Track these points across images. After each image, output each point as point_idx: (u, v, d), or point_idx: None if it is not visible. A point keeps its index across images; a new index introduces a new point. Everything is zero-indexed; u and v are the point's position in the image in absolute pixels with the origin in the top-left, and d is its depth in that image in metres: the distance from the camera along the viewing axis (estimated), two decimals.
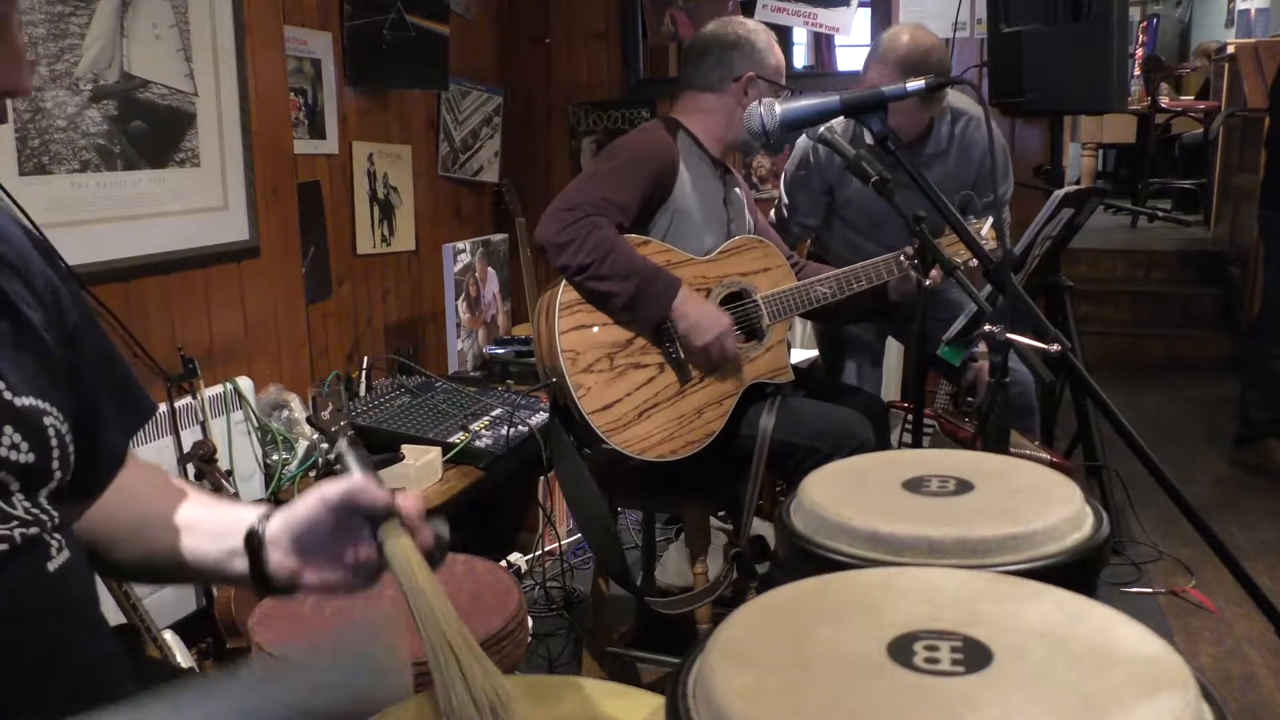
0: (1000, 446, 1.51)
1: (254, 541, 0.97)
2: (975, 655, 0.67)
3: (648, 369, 2.18)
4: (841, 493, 1.00)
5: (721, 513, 2.81)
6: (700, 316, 2.15)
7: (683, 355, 2.20)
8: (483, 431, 2.75)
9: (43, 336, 0.91)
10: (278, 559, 0.97)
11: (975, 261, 1.73)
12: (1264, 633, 2.80)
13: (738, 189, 2.48)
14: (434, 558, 0.94)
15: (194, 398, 2.45)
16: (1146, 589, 3.01)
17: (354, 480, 0.94)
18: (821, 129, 1.93)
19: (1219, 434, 4.40)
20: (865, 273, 2.32)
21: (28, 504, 0.87)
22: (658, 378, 2.19)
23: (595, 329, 2.14)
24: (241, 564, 0.98)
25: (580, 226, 2.07)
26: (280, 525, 0.97)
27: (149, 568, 1.05)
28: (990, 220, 2.28)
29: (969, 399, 2.55)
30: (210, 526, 1.02)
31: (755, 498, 2.29)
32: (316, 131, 3.16)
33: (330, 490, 0.93)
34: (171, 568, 1.03)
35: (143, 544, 1.03)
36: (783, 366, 2.36)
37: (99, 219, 2.30)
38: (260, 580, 0.98)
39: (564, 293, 2.13)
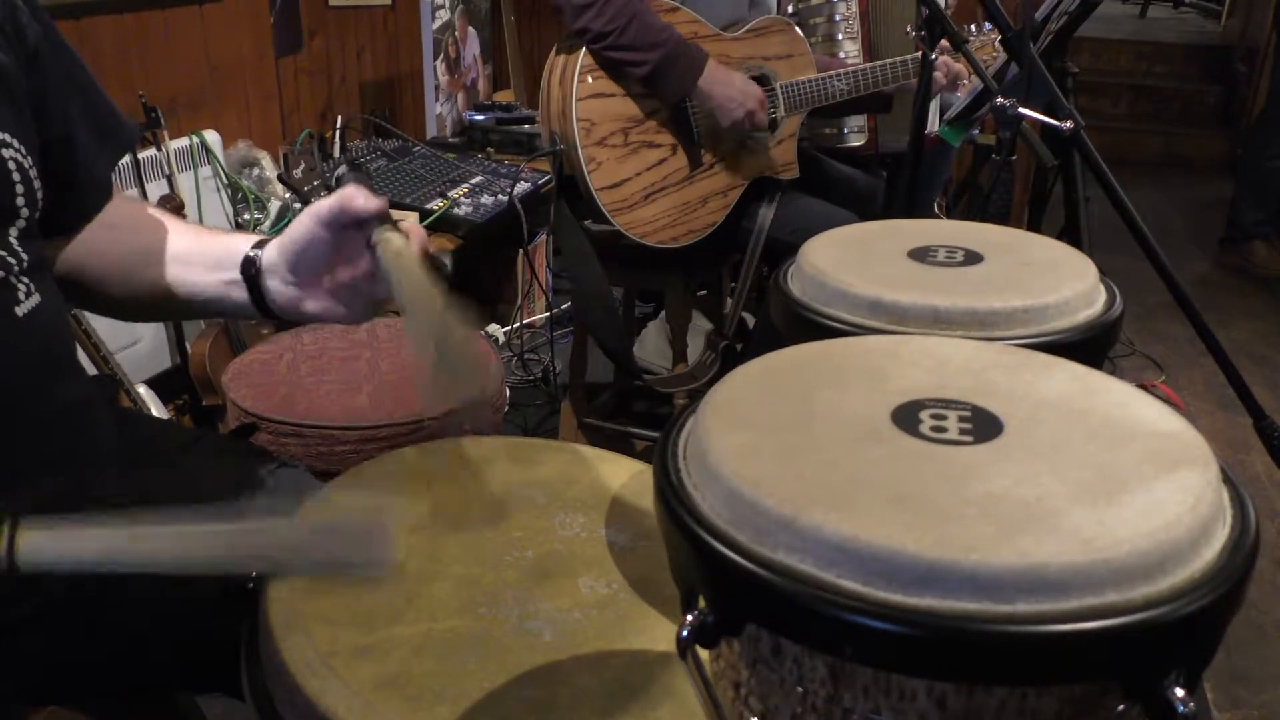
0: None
1: (251, 269, 0.93)
2: (984, 425, 0.63)
3: (660, 149, 2.09)
4: (844, 259, 0.94)
5: (703, 292, 2.78)
6: (731, 91, 2.05)
7: (700, 137, 2.12)
8: (462, 199, 2.66)
9: None
10: (276, 286, 0.93)
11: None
12: (1225, 428, 2.87)
13: None
14: (438, 264, 0.90)
15: (158, 149, 2.33)
16: None
17: (344, 190, 0.87)
18: None
19: (1205, 235, 4.37)
20: (885, 72, 2.23)
21: None
22: (669, 159, 2.11)
23: (614, 99, 2.03)
24: (240, 293, 0.94)
25: None
26: (276, 251, 0.92)
27: (145, 303, 1.01)
28: (997, 38, 2.17)
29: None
30: (204, 257, 0.97)
31: (746, 291, 2.25)
32: None
33: (320, 204, 0.88)
34: (166, 301, 0.99)
35: (136, 280, 0.99)
36: (790, 162, 2.28)
37: None
38: (262, 309, 0.95)
39: (584, 56, 2.00)
